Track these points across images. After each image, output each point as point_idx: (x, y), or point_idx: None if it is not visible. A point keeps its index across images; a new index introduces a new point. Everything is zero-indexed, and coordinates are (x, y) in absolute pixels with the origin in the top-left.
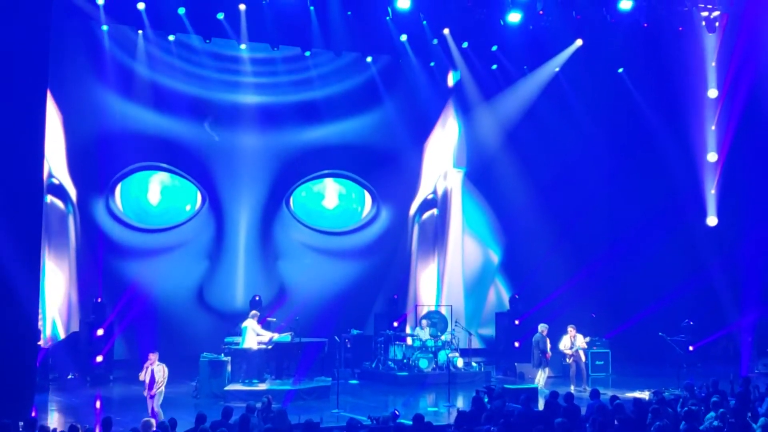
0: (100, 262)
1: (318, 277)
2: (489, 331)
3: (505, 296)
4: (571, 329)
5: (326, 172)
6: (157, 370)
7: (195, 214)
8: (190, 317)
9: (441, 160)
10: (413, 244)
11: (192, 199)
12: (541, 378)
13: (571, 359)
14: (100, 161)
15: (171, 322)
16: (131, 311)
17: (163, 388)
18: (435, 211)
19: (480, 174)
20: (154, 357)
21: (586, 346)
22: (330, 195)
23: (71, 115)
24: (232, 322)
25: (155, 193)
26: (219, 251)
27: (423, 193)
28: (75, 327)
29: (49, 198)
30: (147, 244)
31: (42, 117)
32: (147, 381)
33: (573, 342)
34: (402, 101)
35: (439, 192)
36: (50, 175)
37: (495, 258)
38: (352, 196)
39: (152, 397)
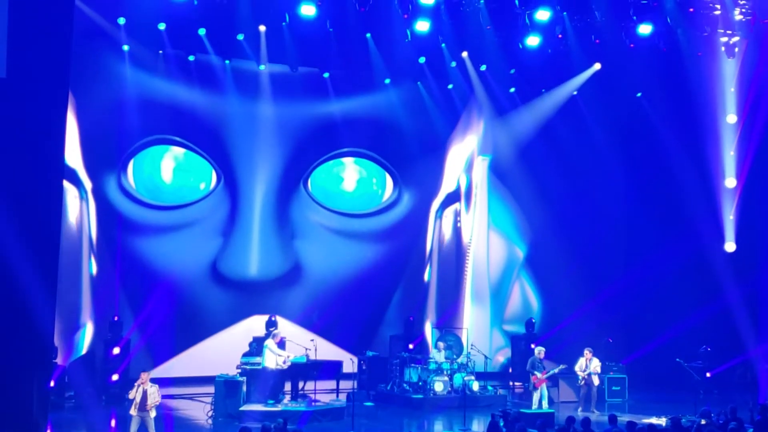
0: (118, 243)
1: (335, 258)
2: (513, 327)
3: (531, 294)
4: (587, 352)
5: (346, 150)
6: (150, 391)
7: (210, 192)
8: (205, 294)
9: (465, 149)
10: (436, 239)
11: (206, 177)
12: (542, 401)
13: (583, 382)
14: (113, 139)
15: (185, 299)
16: (150, 297)
17: (154, 412)
18: (458, 205)
19: (494, 195)
20: (146, 376)
21: (599, 371)
22: (350, 178)
23: (83, 93)
24: (246, 293)
25: (168, 171)
26: (233, 227)
27: (447, 185)
28: (87, 318)
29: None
30: (161, 222)
31: (62, 121)
32: (138, 400)
33: (587, 365)
34: (421, 109)
35: (463, 185)
36: None
37: (520, 254)
38: (373, 180)
39: (143, 417)
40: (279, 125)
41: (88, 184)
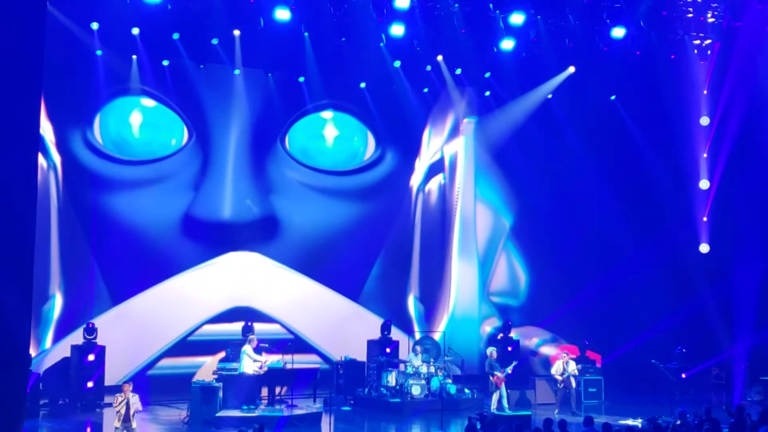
0: (91, 203)
1: (313, 215)
2: (499, 299)
3: (519, 269)
4: (564, 355)
5: (325, 101)
6: (132, 401)
7: (183, 147)
8: (178, 238)
9: (449, 118)
10: (420, 206)
11: (177, 133)
12: (502, 401)
13: (562, 385)
14: (79, 93)
15: (158, 244)
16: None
17: (135, 422)
18: (442, 176)
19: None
20: (128, 387)
21: (577, 373)
22: (330, 135)
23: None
24: (221, 233)
25: (136, 127)
26: (205, 179)
27: (431, 151)
28: (56, 288)
29: None
30: (130, 177)
31: (36, 111)
32: (123, 412)
33: (565, 368)
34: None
35: (448, 153)
36: None
37: (506, 224)
38: (354, 139)
39: (126, 428)
40: (251, 81)
41: (55, 153)
